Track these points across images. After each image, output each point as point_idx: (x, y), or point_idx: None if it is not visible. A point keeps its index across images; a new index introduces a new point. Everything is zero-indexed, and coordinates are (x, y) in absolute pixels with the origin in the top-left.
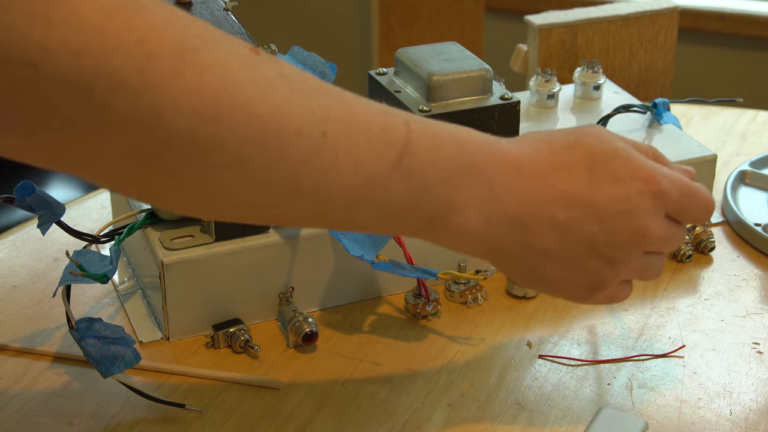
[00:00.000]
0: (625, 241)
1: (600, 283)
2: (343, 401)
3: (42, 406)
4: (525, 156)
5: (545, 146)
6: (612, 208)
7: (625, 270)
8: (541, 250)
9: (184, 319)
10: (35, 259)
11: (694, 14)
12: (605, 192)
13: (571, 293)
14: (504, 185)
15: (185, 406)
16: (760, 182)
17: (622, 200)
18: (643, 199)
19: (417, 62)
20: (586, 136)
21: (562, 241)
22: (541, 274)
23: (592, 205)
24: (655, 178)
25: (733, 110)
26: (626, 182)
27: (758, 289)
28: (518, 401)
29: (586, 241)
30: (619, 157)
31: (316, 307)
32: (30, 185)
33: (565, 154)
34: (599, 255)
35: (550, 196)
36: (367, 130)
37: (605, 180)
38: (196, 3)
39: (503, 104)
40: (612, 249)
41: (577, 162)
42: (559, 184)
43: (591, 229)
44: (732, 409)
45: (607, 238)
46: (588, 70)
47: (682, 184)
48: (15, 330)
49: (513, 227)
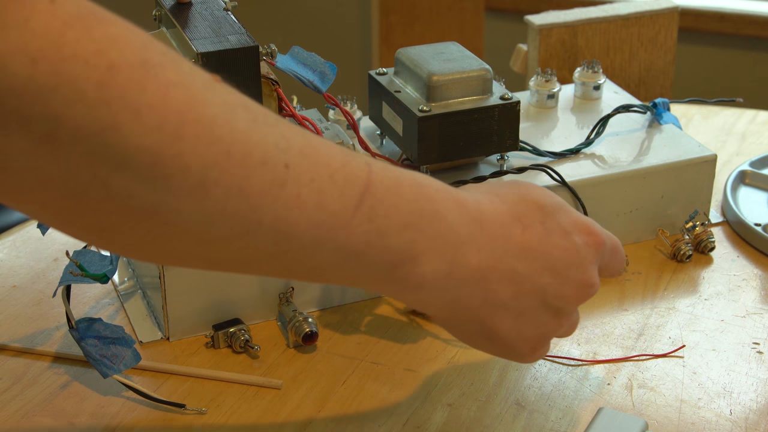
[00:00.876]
0: (573, 292)
1: (544, 337)
2: (343, 401)
3: (42, 406)
4: (483, 207)
5: (498, 198)
6: (564, 260)
7: (566, 324)
8: (496, 302)
9: (184, 319)
10: (35, 259)
11: (694, 14)
12: (557, 244)
13: (516, 350)
14: (466, 235)
15: (185, 406)
16: (760, 182)
17: (572, 252)
18: (588, 251)
19: (417, 62)
20: (531, 189)
21: (517, 292)
22: (491, 330)
23: (546, 257)
24: (596, 231)
25: (733, 110)
26: (573, 234)
27: (758, 289)
28: (518, 401)
29: (539, 292)
30: (563, 211)
31: (316, 307)
32: None
33: (518, 206)
34: (548, 307)
35: (508, 247)
36: (328, 165)
37: (556, 232)
38: (196, 3)
39: (503, 104)
40: (561, 300)
41: (529, 214)
42: (517, 236)
43: (544, 280)
44: (732, 409)
45: (558, 289)
46: (588, 70)
47: (611, 238)
48: (15, 330)
49: (473, 279)
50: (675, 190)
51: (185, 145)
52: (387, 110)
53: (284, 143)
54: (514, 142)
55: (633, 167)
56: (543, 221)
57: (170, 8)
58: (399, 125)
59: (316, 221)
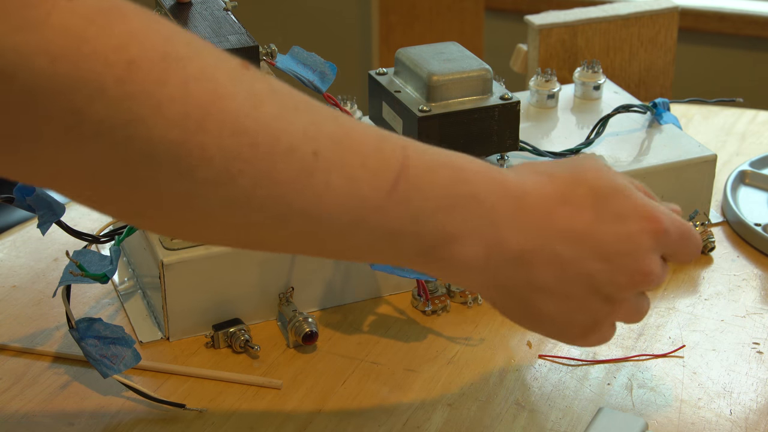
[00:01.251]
0: (626, 280)
1: (596, 323)
2: (343, 401)
3: (42, 406)
4: (528, 188)
5: (547, 179)
6: (615, 247)
7: (621, 310)
8: (540, 286)
9: (184, 319)
10: (35, 259)
11: (694, 14)
12: (609, 230)
13: (566, 333)
14: (506, 217)
15: (185, 406)
16: (760, 182)
17: (626, 239)
18: (646, 238)
19: (417, 62)
20: (588, 171)
21: (562, 278)
22: (537, 312)
23: (596, 243)
24: (657, 217)
25: (733, 110)
26: (629, 220)
27: (758, 289)
28: (518, 401)
29: (587, 278)
30: (622, 195)
31: (316, 307)
32: (30, 185)
33: (568, 188)
34: (599, 294)
35: (553, 231)
36: (360, 151)
37: (609, 218)
38: (196, 3)
39: (503, 104)
40: (612, 288)
41: (580, 198)
42: (563, 220)
43: (593, 266)
44: (732, 409)
45: (608, 276)
46: (588, 70)
47: (680, 224)
48: (15, 330)
49: (514, 261)
50: (675, 190)
51: (208, 137)
52: (387, 110)
53: (313, 130)
54: (514, 142)
55: (633, 167)
56: (595, 205)
57: (170, 8)
58: (399, 125)
59: (347, 206)
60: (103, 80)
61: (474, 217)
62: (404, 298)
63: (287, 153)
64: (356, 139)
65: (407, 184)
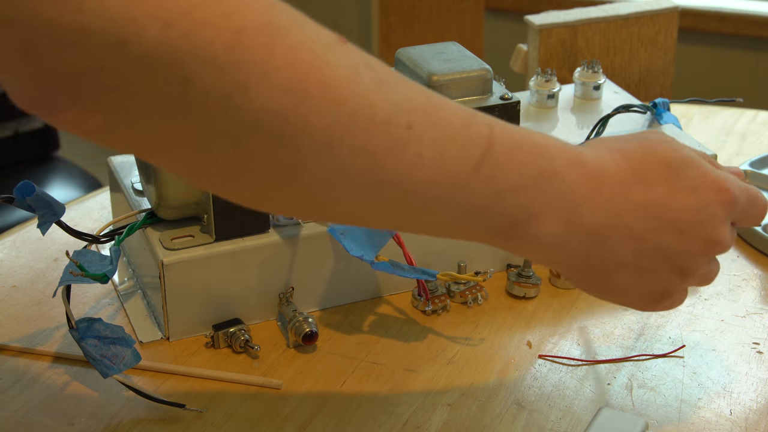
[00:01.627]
0: (700, 249)
1: (668, 291)
2: (343, 401)
3: (42, 406)
4: (604, 165)
5: (621, 156)
6: (689, 218)
7: (693, 278)
8: (616, 261)
9: (184, 319)
10: (35, 259)
11: (694, 14)
12: (682, 202)
13: (639, 302)
14: (584, 195)
15: (185, 406)
16: (760, 182)
17: (699, 210)
18: (717, 208)
19: (417, 62)
20: (659, 145)
21: (638, 251)
22: (612, 285)
23: (670, 216)
24: (727, 187)
25: (733, 110)
26: (701, 192)
27: (758, 289)
28: (518, 401)
29: (661, 251)
30: (693, 167)
31: (316, 307)
32: (30, 185)
33: (642, 164)
34: (672, 264)
35: (628, 207)
36: (450, 127)
37: (682, 190)
38: None
39: (503, 104)
40: (686, 258)
41: (653, 172)
42: (638, 196)
43: (667, 239)
44: (732, 409)
45: (682, 247)
46: (588, 70)
47: (747, 190)
48: (15, 330)
49: (591, 238)
50: None
51: (311, 106)
52: None
53: (407, 103)
54: None
55: None
56: (668, 178)
57: None
58: None
59: (436, 180)
60: (213, 47)
61: (555, 195)
62: (404, 298)
63: (384, 125)
64: (447, 114)
65: (493, 160)
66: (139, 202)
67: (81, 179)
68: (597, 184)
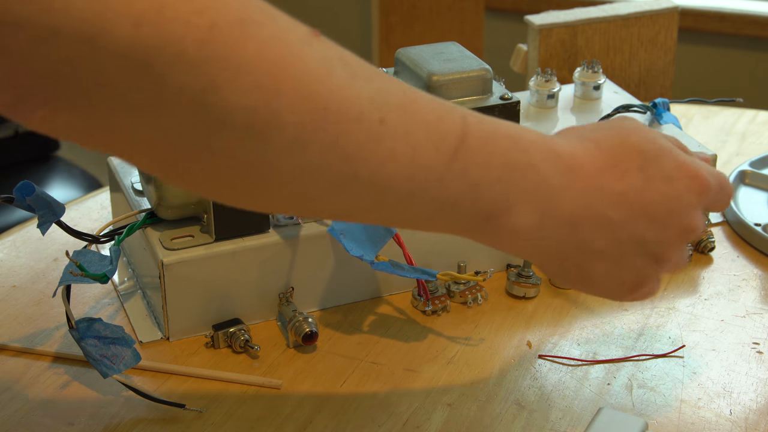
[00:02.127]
0: (675, 237)
1: (643, 280)
2: (343, 401)
3: (42, 406)
4: (578, 155)
5: (595, 145)
6: (664, 207)
7: (667, 265)
8: (591, 250)
9: (184, 319)
10: (35, 259)
11: (694, 14)
12: (657, 191)
13: (613, 292)
14: (558, 186)
15: (185, 406)
16: (760, 182)
17: (674, 198)
18: (692, 196)
19: (417, 62)
20: (633, 133)
21: (613, 240)
22: (587, 274)
23: (644, 204)
24: (701, 174)
25: (733, 110)
26: (676, 180)
27: (758, 289)
28: (518, 401)
29: (637, 239)
30: (667, 155)
31: (316, 307)
32: (30, 185)
33: (616, 153)
34: (648, 253)
35: (603, 195)
36: (424, 120)
37: (657, 179)
38: None
39: (503, 104)
40: (661, 246)
41: (628, 161)
42: (612, 184)
43: (642, 227)
44: (732, 409)
45: (657, 235)
46: (588, 70)
47: (718, 177)
48: (15, 330)
49: (566, 227)
50: None
51: (282, 102)
52: None
53: (380, 98)
54: None
55: None
56: (642, 167)
57: None
58: None
59: (410, 174)
60: (184, 44)
61: (530, 187)
62: (404, 298)
63: (356, 120)
64: (420, 107)
65: (467, 152)
66: (139, 202)
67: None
68: (571, 174)
